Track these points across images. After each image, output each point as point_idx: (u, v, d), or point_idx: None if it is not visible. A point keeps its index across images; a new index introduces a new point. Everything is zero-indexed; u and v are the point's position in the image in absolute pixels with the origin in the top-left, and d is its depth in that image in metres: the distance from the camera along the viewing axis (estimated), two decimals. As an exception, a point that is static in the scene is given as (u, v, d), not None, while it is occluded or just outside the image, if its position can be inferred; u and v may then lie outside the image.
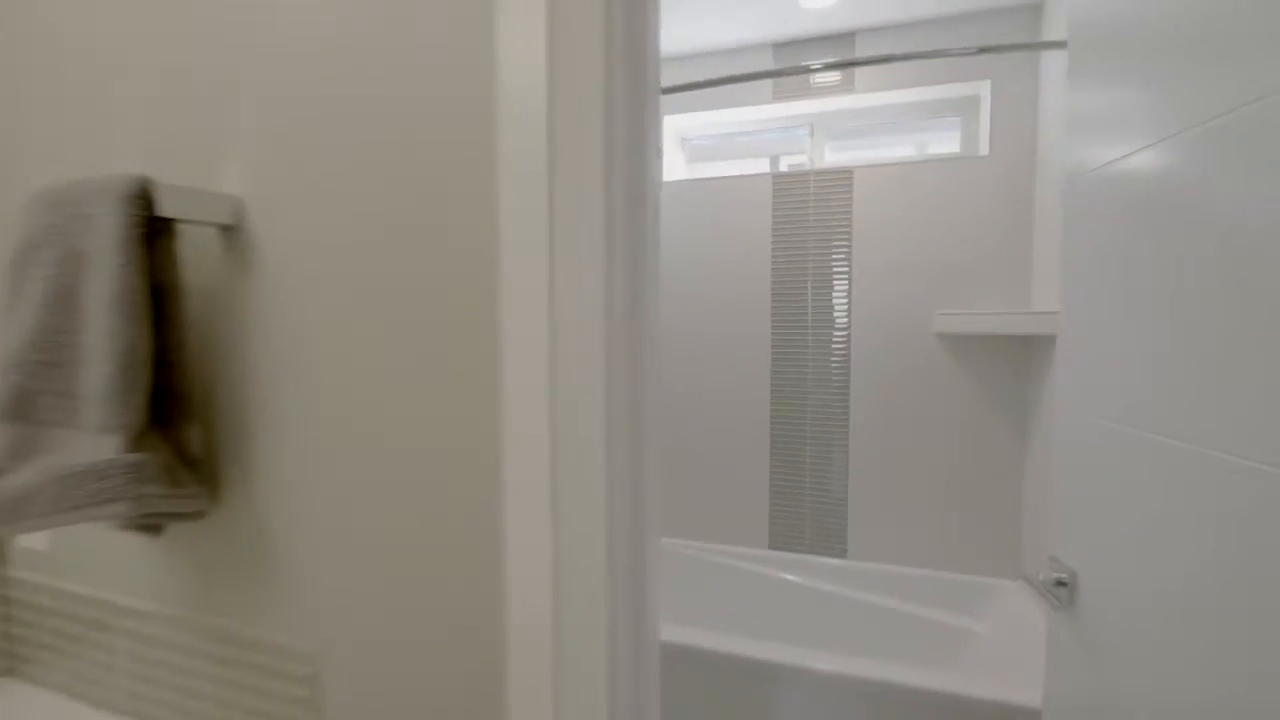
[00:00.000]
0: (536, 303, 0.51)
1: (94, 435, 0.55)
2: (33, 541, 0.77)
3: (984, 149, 2.08)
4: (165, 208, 0.57)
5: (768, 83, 2.30)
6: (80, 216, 0.56)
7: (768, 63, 2.29)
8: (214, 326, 0.63)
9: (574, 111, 0.49)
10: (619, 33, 0.49)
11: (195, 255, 0.63)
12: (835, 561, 2.29)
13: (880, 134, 2.39)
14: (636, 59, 0.51)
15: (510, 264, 0.52)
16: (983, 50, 1.42)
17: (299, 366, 0.61)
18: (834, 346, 2.22)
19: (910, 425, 2.14)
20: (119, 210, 0.55)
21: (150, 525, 0.63)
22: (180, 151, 0.65)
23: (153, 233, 0.57)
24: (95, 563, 0.74)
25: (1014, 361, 2.01)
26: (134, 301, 0.55)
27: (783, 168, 2.42)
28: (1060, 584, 1.06)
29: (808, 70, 1.52)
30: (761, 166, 2.47)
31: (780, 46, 2.26)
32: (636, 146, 0.52)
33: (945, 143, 2.27)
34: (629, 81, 0.51)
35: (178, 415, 0.60)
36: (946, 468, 2.11)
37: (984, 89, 2.08)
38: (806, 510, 2.30)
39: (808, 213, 2.22)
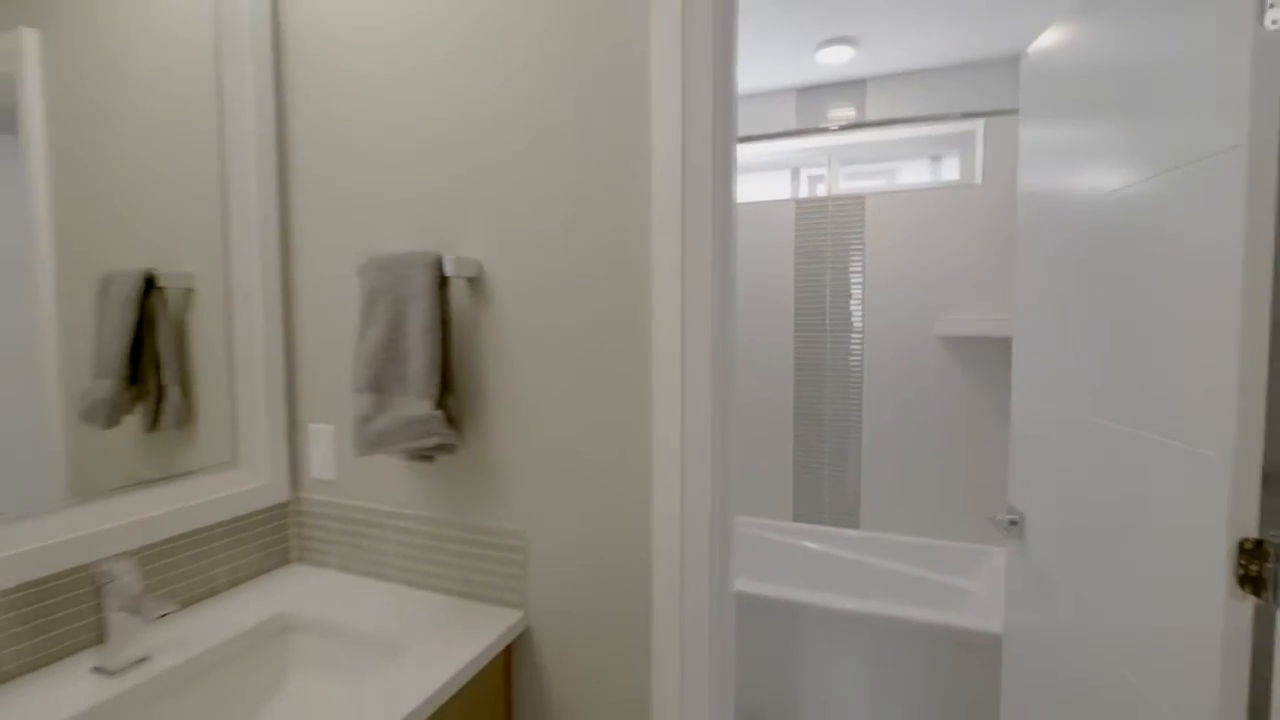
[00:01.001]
0: (672, 323, 0.92)
1: (415, 399, 0.97)
2: (322, 473, 1.21)
3: (978, 178, 2.44)
4: (447, 269, 0.99)
5: (792, 117, 2.69)
6: (403, 276, 0.99)
7: (791, 104, 2.67)
8: (467, 338, 1.06)
9: (693, 178, 0.90)
10: (721, 122, 0.90)
11: (456, 297, 1.06)
12: (850, 532, 2.67)
13: (890, 159, 2.76)
14: (727, 131, 0.92)
15: (657, 288, 0.93)
16: (966, 116, 1.80)
17: (512, 362, 1.03)
18: (849, 348, 2.60)
19: (914, 414, 2.52)
20: (426, 272, 0.98)
21: (427, 456, 1.06)
22: (442, 233, 1.07)
23: (440, 284, 0.99)
24: (368, 486, 1.17)
25: (1001, 358, 2.38)
26: (433, 326, 0.98)
27: (803, 180, 2.80)
28: (1013, 523, 1.45)
29: (824, 130, 1.92)
30: (785, 179, 2.86)
31: (803, 90, 2.64)
32: (724, 192, 0.92)
33: (947, 169, 2.64)
34: (724, 153, 0.91)
35: (447, 390, 1.02)
36: (945, 450, 2.48)
37: (978, 126, 2.44)
38: (825, 488, 2.69)
39: (825, 233, 2.60)
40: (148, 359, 1.04)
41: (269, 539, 1.20)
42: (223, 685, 0.96)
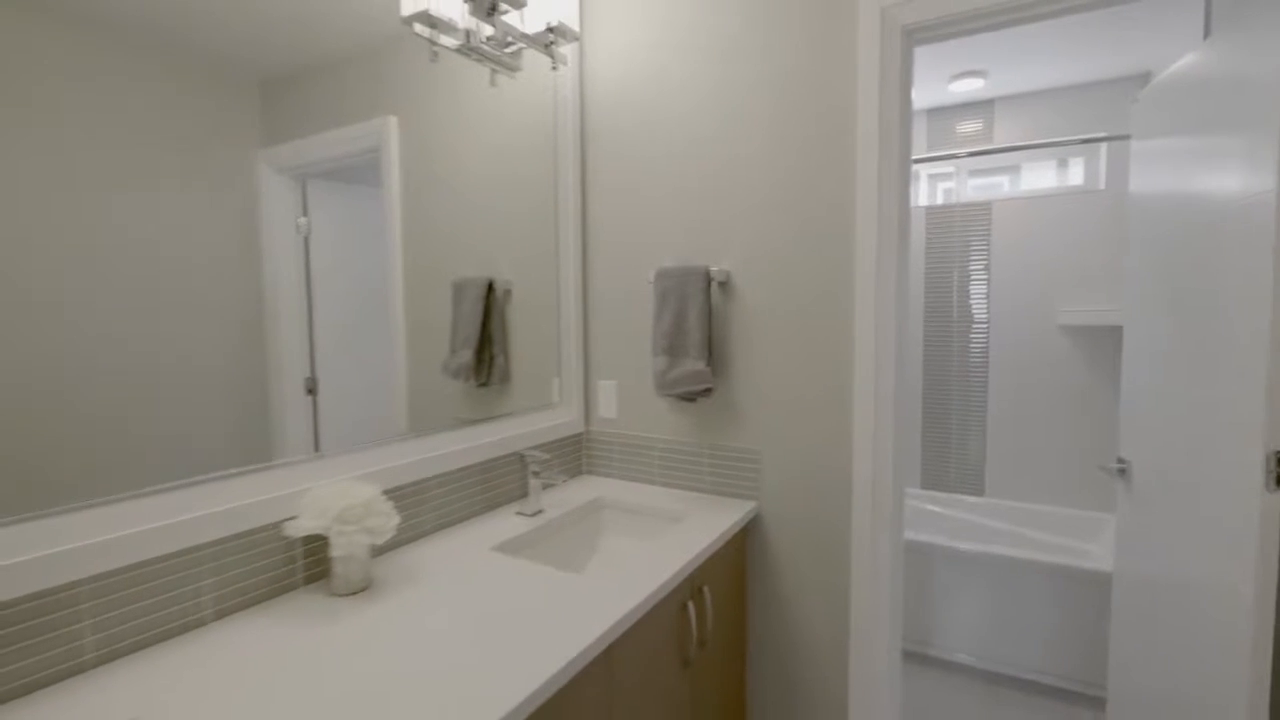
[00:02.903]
0: (868, 304, 1.41)
1: (694, 359, 1.53)
2: (607, 411, 1.80)
3: (1102, 184, 2.71)
4: (714, 276, 1.54)
5: (923, 133, 3.05)
6: (684, 280, 1.55)
7: (922, 122, 3.04)
8: (720, 320, 1.61)
9: (885, 194, 1.39)
10: (899, 150, 1.38)
11: (714, 293, 1.61)
12: (973, 498, 3.00)
13: (1016, 162, 3.03)
14: (906, 158, 1.40)
15: (859, 284, 1.42)
16: (1086, 141, 2.14)
17: (750, 335, 1.56)
18: (974, 336, 2.95)
19: (1036, 394, 2.83)
20: (700, 278, 1.53)
21: (691, 398, 1.61)
22: (700, 250, 1.62)
23: (707, 285, 1.54)
24: (641, 421, 1.75)
25: (1113, 343, 2.65)
26: (705, 312, 1.53)
27: (923, 180, 3.14)
28: (1121, 470, 1.82)
29: (955, 156, 2.32)
30: (916, 183, 3.21)
31: (933, 111, 3.00)
32: (904, 208, 1.40)
33: (1073, 171, 2.88)
34: (902, 181, 1.39)
35: (713, 354, 1.57)
36: (1064, 425, 2.78)
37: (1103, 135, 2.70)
38: (951, 458, 3.05)
39: (953, 236, 2.96)
40: (485, 337, 1.60)
41: (574, 455, 1.81)
42: (576, 530, 1.57)
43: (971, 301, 2.94)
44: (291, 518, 1.07)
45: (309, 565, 1.13)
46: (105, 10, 0.88)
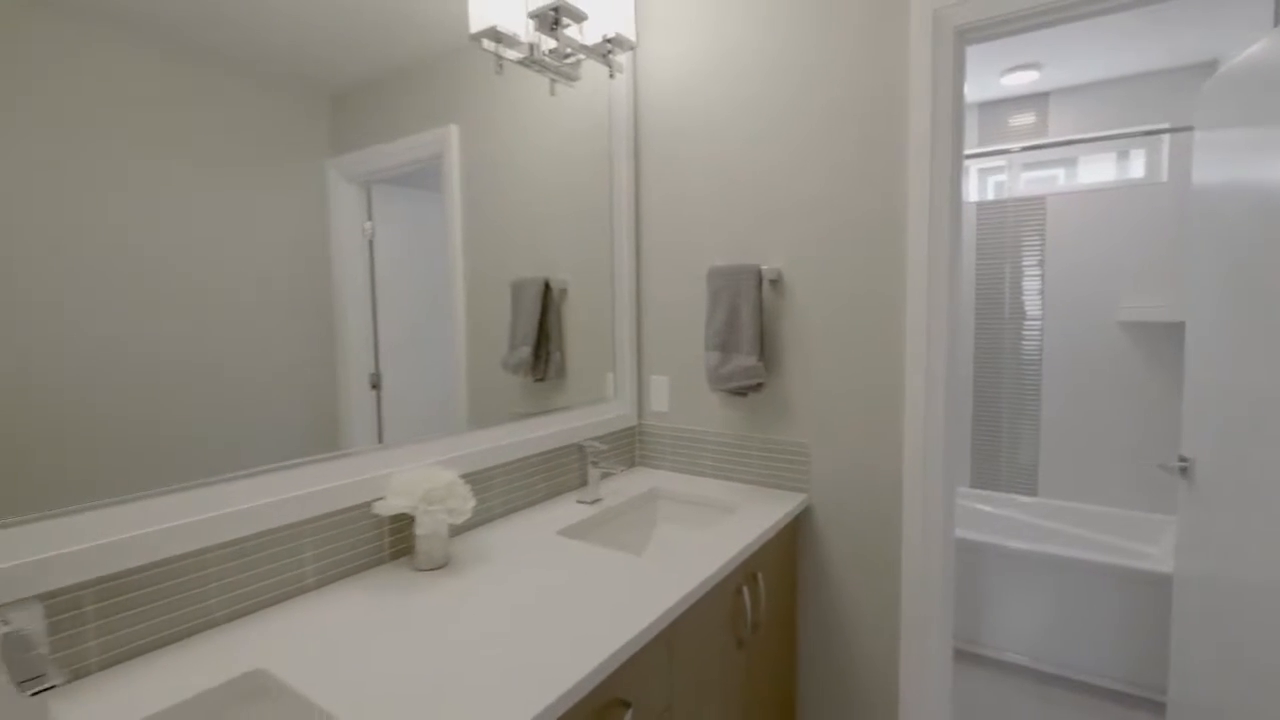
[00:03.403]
0: (919, 307, 1.44)
1: (746, 355, 1.58)
2: (659, 405, 1.87)
3: (1164, 175, 2.63)
4: (765, 275, 1.59)
5: (974, 127, 3.02)
6: (736, 278, 1.60)
7: (973, 116, 3.01)
8: (771, 317, 1.65)
9: (938, 193, 1.41)
10: (951, 149, 1.40)
11: (765, 291, 1.65)
12: (1026, 498, 2.96)
13: (1072, 154, 2.97)
14: (958, 157, 1.42)
15: (911, 281, 1.45)
16: (1147, 133, 2.10)
17: (800, 331, 1.60)
18: (1027, 333, 2.90)
19: (1093, 392, 2.77)
20: (752, 277, 1.58)
21: (742, 393, 1.67)
22: (751, 248, 1.67)
23: (758, 283, 1.59)
24: (692, 415, 1.81)
25: (1174, 340, 2.57)
26: (756, 309, 1.58)
27: (972, 173, 3.10)
28: (1183, 469, 1.79)
29: (1007, 151, 2.30)
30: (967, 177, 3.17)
31: (985, 105, 2.96)
32: (957, 206, 1.42)
33: (1134, 163, 2.81)
34: (955, 179, 1.41)
35: (764, 350, 1.62)
36: (1123, 424, 2.72)
37: (1165, 127, 2.62)
38: (1002, 457, 3.01)
39: (1005, 231, 2.92)
40: (542, 334, 1.68)
41: (628, 447, 1.89)
42: (634, 518, 1.65)
43: (1024, 298, 2.90)
44: (379, 498, 1.17)
45: (394, 543, 1.23)
46: (194, 37, 0.99)
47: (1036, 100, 2.83)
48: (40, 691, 0.65)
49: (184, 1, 0.94)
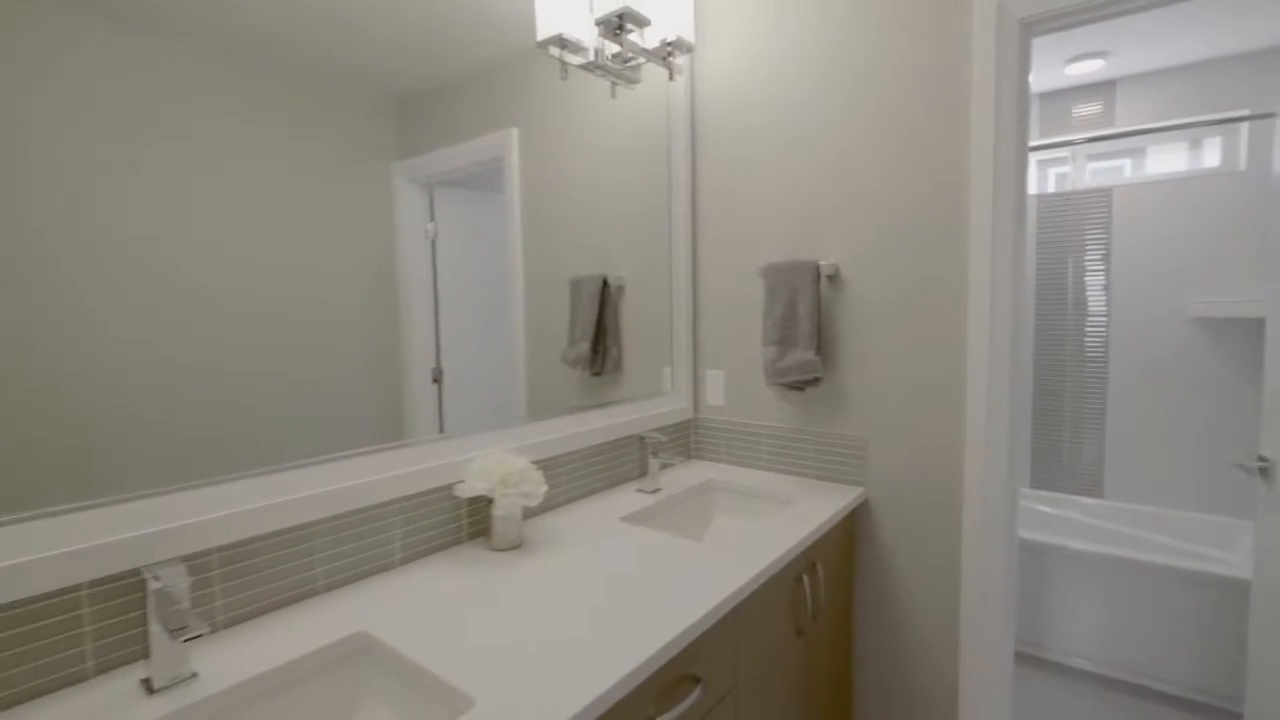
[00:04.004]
0: (982, 302, 1.43)
1: (804, 350, 1.60)
2: (715, 399, 1.91)
3: (1242, 164, 2.52)
4: (823, 270, 1.61)
5: (1035, 116, 2.94)
6: (793, 274, 1.62)
7: (1035, 110, 2.93)
8: (828, 312, 1.67)
9: (1001, 188, 1.41)
10: (1015, 143, 1.40)
11: (823, 286, 1.67)
12: (1090, 500, 2.87)
13: (1142, 142, 2.86)
14: (1023, 151, 1.41)
15: (973, 276, 1.45)
16: (1220, 122, 2.02)
17: (858, 326, 1.62)
18: (1091, 329, 2.82)
19: (1165, 391, 2.67)
20: (810, 272, 1.60)
21: (798, 387, 1.69)
22: (808, 244, 1.69)
23: (816, 278, 1.61)
24: (747, 409, 1.84)
25: (1252, 337, 2.46)
26: (814, 304, 1.60)
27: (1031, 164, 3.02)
28: (1263, 470, 1.73)
29: (1071, 143, 2.24)
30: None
31: (1046, 95, 2.89)
32: (1021, 200, 1.41)
33: (1208, 152, 2.67)
34: (1019, 174, 1.41)
35: (821, 344, 1.64)
36: (1197, 425, 2.61)
37: (1245, 111, 2.50)
38: (1064, 457, 2.92)
39: (1068, 225, 2.84)
40: (600, 329, 1.73)
41: (684, 440, 1.93)
42: (693, 507, 1.69)
43: (1088, 293, 2.81)
44: (459, 482, 1.25)
45: (472, 524, 1.31)
46: (269, 50, 1.08)
47: (1102, 89, 2.74)
48: (190, 639, 0.74)
49: (273, 25, 1.03)
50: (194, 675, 0.83)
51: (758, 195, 1.78)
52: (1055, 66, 2.55)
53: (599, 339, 1.71)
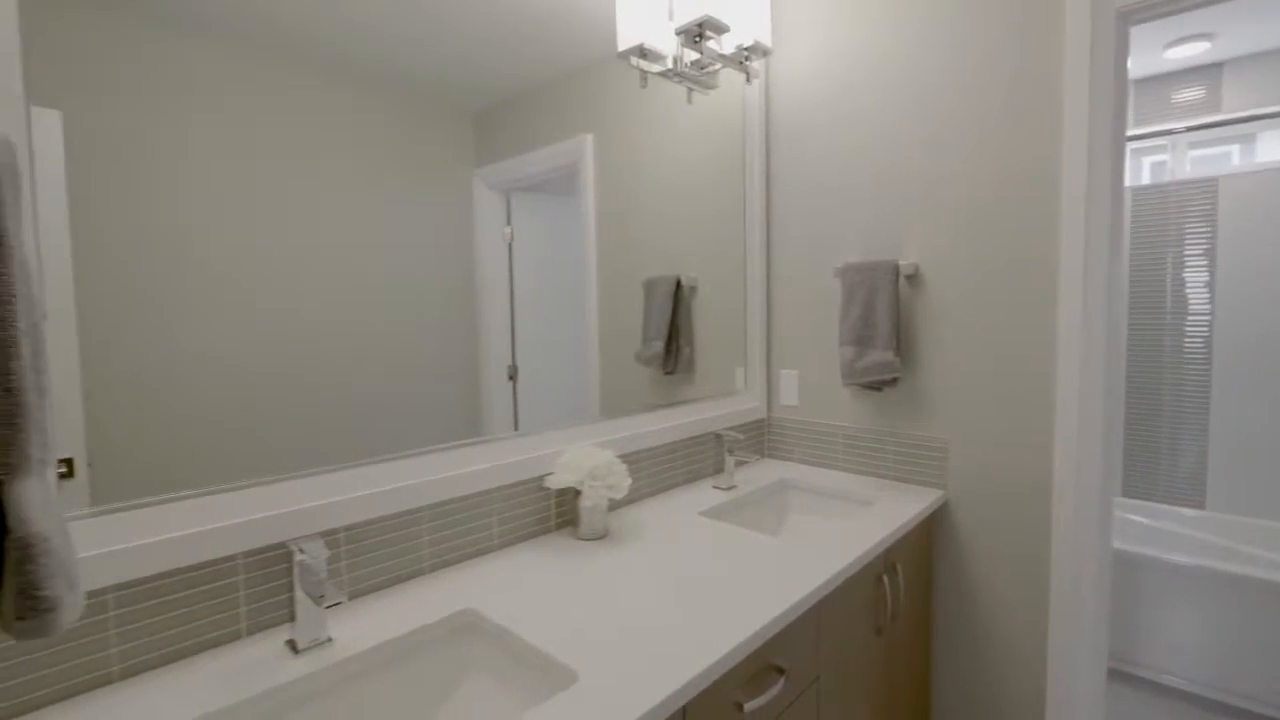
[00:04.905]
0: (1074, 301, 1.39)
1: (882, 350, 1.60)
2: (789, 399, 1.92)
3: (1371, 149, 2.30)
4: (903, 270, 1.60)
5: (1130, 105, 2.78)
6: (872, 274, 1.62)
7: (1130, 97, 2.77)
8: (907, 311, 1.66)
9: (1096, 185, 1.36)
10: (1111, 138, 1.35)
11: (901, 286, 1.66)
12: (1190, 511, 2.70)
13: (1253, 129, 2.67)
14: (1119, 145, 1.36)
15: (1064, 274, 1.41)
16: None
17: (941, 325, 1.60)
18: (1190, 330, 2.64)
19: (1276, 396, 2.48)
20: (889, 272, 1.59)
21: (876, 387, 1.68)
22: (885, 243, 1.68)
23: (895, 278, 1.60)
24: (822, 409, 1.84)
25: None
26: (893, 304, 1.59)
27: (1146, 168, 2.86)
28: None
29: (1171, 132, 2.11)
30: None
31: (1142, 82, 2.73)
32: (1118, 199, 1.36)
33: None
34: (1116, 169, 1.36)
35: (900, 344, 1.62)
36: (1315, 431, 2.40)
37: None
38: (1160, 464, 2.76)
39: (1168, 218, 2.67)
40: (673, 329, 1.77)
41: (758, 439, 1.96)
42: (770, 505, 1.72)
43: (1188, 290, 2.64)
44: (548, 474, 1.33)
45: (560, 514, 1.38)
46: (360, 69, 1.17)
47: (1207, 72, 2.57)
48: (331, 605, 0.84)
49: (374, 47, 1.13)
50: (330, 640, 0.93)
51: (833, 194, 1.78)
52: (1153, 52, 2.41)
53: (672, 338, 1.75)
